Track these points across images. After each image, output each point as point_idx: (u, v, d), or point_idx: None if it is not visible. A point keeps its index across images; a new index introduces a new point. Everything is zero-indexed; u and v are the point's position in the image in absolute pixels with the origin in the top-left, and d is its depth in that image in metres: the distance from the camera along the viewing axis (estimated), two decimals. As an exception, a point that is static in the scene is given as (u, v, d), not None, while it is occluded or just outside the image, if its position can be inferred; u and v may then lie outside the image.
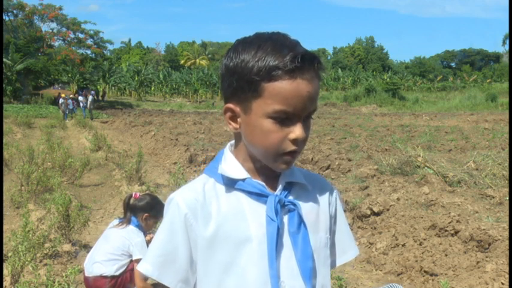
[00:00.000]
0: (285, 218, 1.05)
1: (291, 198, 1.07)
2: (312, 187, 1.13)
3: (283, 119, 0.97)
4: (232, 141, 1.12)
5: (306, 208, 1.08)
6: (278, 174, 1.08)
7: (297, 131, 0.98)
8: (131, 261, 3.15)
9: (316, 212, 1.11)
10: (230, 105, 1.03)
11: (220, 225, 1.02)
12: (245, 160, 1.06)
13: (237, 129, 1.05)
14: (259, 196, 1.04)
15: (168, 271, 1.03)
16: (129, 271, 3.14)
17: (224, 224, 1.02)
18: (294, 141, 0.99)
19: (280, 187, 1.07)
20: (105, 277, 3.09)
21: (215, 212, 1.02)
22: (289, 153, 1.00)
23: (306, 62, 0.96)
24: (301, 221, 1.05)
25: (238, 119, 1.03)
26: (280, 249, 1.03)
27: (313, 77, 0.98)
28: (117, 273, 3.11)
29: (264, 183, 1.05)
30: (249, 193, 1.04)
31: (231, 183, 1.05)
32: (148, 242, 3.38)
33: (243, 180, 1.04)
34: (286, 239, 1.04)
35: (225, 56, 1.03)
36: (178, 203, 1.04)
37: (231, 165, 1.06)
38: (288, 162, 1.02)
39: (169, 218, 1.05)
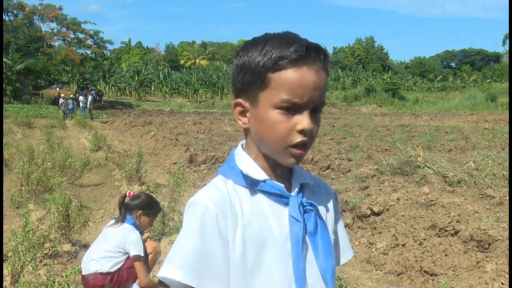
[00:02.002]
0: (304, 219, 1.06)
1: (305, 199, 1.08)
2: (318, 189, 1.14)
3: (290, 110, 0.97)
4: (243, 141, 1.11)
5: (319, 209, 1.09)
6: (290, 174, 1.09)
7: (304, 122, 0.97)
8: (127, 258, 3.16)
9: (325, 213, 1.13)
10: (239, 100, 1.04)
11: (244, 227, 1.01)
12: (257, 157, 1.06)
13: (246, 124, 1.05)
14: (280, 197, 1.04)
15: (210, 278, 0.98)
16: (126, 269, 3.15)
17: (248, 226, 1.01)
18: (302, 132, 0.98)
19: (296, 189, 1.07)
20: (101, 274, 3.10)
21: (239, 213, 1.01)
22: (297, 146, 1.00)
23: (311, 52, 0.97)
24: (318, 221, 1.06)
25: (247, 114, 1.03)
26: (303, 250, 1.03)
27: (320, 68, 0.98)
28: (112, 270, 3.12)
29: (283, 185, 1.05)
30: (269, 194, 1.04)
31: (252, 184, 1.04)
32: (145, 241, 3.39)
33: (264, 181, 1.04)
34: (307, 240, 1.05)
35: (235, 56, 1.05)
36: (206, 204, 1.00)
37: (248, 165, 1.06)
38: (297, 156, 1.01)
39: (197, 221, 0.99)
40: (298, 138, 0.99)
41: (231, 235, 1.00)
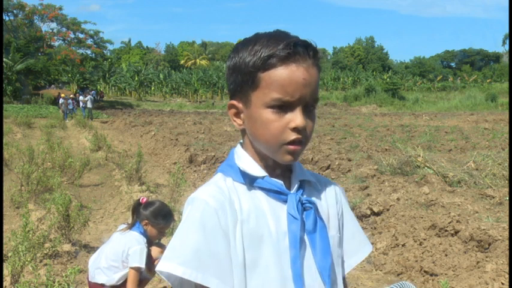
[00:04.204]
0: (303, 217, 1.05)
1: (305, 196, 1.07)
2: (320, 186, 1.14)
3: (282, 108, 0.98)
4: (241, 140, 1.12)
5: (319, 207, 1.08)
6: (290, 171, 1.09)
7: (297, 120, 0.97)
8: None
9: (327, 210, 1.12)
10: (233, 102, 1.05)
11: (243, 223, 1.01)
12: (254, 157, 1.06)
13: (241, 126, 1.05)
14: (278, 194, 1.04)
15: (213, 273, 0.97)
16: None
17: (247, 222, 1.01)
18: (295, 130, 0.98)
19: (296, 186, 1.07)
20: (110, 287, 3.04)
21: (238, 209, 1.01)
22: (292, 143, 1.00)
23: (300, 49, 0.97)
24: (317, 219, 1.05)
25: (242, 115, 1.04)
26: (301, 247, 1.03)
27: (310, 65, 0.98)
28: (119, 283, 3.05)
29: (281, 182, 1.05)
30: (267, 191, 1.04)
31: (250, 181, 1.04)
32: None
33: (262, 178, 1.04)
34: (305, 237, 1.04)
35: (227, 58, 1.06)
36: (206, 200, 1.00)
37: (247, 162, 1.06)
38: (293, 152, 1.01)
39: (198, 217, 0.99)
40: (292, 136, 0.99)
41: (231, 230, 1.00)
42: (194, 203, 1.01)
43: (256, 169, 1.05)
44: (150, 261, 3.09)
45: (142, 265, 2.99)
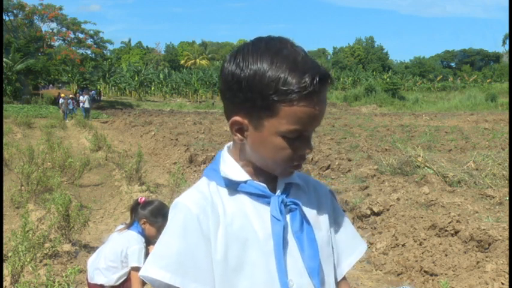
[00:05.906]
0: (288, 218, 1.06)
1: (289, 198, 1.08)
2: (307, 188, 1.15)
3: (296, 136, 1.00)
4: (229, 144, 1.12)
5: (306, 208, 1.09)
6: (276, 176, 1.09)
7: (308, 147, 1.02)
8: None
9: (315, 211, 1.13)
10: (238, 119, 1.00)
11: (227, 226, 1.02)
12: (245, 165, 1.07)
13: (243, 141, 1.04)
14: (262, 197, 1.05)
15: (193, 277, 0.99)
16: (130, 280, 3.07)
17: (231, 226, 1.02)
18: (303, 155, 1.03)
19: (280, 188, 1.08)
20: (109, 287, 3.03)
21: (222, 213, 1.03)
22: (298, 166, 1.05)
23: (322, 82, 0.96)
24: (303, 219, 1.06)
25: (246, 132, 1.02)
26: (286, 248, 1.04)
27: (325, 93, 1.00)
28: (118, 283, 3.04)
29: (265, 185, 1.06)
30: (251, 194, 1.05)
31: (233, 186, 1.05)
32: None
33: (245, 182, 1.05)
34: (291, 238, 1.05)
35: (231, 61, 0.99)
36: (187, 205, 1.02)
37: (231, 167, 1.07)
38: (294, 171, 1.08)
39: (180, 222, 1.01)
40: (302, 160, 1.04)
41: (213, 234, 1.01)
42: (177, 208, 1.04)
43: (239, 174, 1.06)
44: None
45: (141, 265, 2.97)
